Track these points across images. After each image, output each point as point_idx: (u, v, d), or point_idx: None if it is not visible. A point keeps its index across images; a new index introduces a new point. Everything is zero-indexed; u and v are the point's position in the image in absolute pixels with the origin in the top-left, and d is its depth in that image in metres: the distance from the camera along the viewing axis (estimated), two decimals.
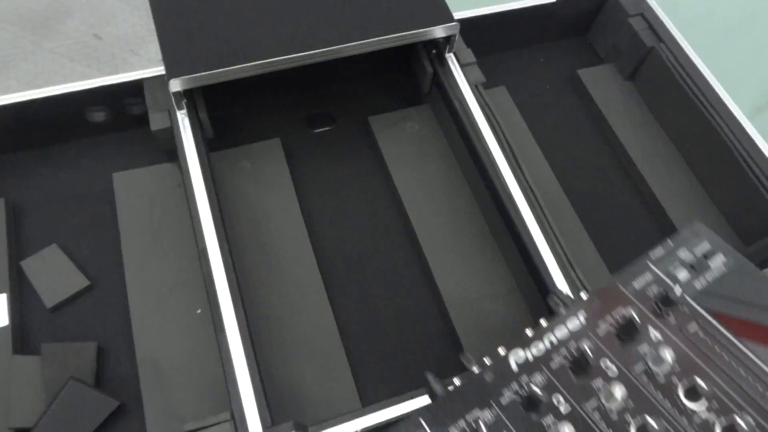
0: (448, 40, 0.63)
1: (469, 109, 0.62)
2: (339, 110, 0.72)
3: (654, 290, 0.39)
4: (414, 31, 0.59)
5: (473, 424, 0.34)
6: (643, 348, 0.36)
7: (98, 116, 0.65)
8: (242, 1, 0.59)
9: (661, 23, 0.73)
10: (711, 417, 0.32)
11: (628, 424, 0.33)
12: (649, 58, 0.73)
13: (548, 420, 0.34)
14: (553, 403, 0.35)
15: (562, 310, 0.39)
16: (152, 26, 0.59)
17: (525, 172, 0.60)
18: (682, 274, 0.39)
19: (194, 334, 0.54)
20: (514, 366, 0.36)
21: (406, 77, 0.73)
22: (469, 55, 0.66)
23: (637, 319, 0.36)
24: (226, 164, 0.64)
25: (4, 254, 0.57)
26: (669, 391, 0.34)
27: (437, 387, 0.38)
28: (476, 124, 0.61)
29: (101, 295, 0.58)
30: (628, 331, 0.37)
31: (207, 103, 0.61)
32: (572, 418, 0.33)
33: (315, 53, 0.57)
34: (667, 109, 0.73)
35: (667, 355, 0.35)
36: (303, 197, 0.64)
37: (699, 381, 0.33)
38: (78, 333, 0.56)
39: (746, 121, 0.67)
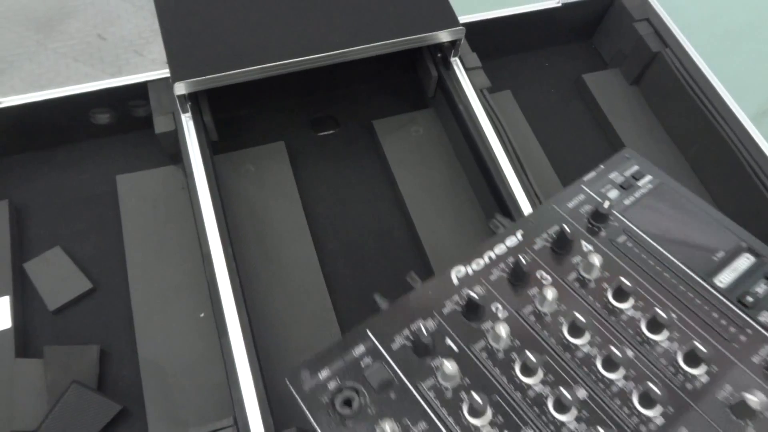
0: (453, 44, 0.63)
1: (474, 114, 0.62)
2: (343, 114, 0.72)
3: (586, 208, 0.43)
4: (420, 35, 0.59)
5: (417, 333, 0.35)
6: (576, 259, 0.39)
7: (102, 118, 0.65)
8: (247, 5, 0.59)
9: (667, 28, 0.73)
10: (637, 314, 0.36)
11: (561, 324, 0.36)
12: (655, 62, 0.73)
13: (487, 325, 0.36)
14: (491, 310, 0.37)
15: (501, 231, 0.42)
16: (156, 27, 0.58)
17: (530, 177, 0.59)
18: (612, 193, 0.44)
19: (197, 338, 0.54)
20: (455, 280, 0.38)
21: (411, 81, 0.73)
22: (474, 60, 0.65)
23: (569, 233, 0.39)
24: (231, 167, 0.64)
25: (7, 256, 0.57)
26: (599, 294, 0.37)
27: (383, 304, 0.39)
28: (481, 128, 0.61)
29: (104, 298, 0.57)
30: (562, 245, 0.39)
31: (211, 105, 0.61)
32: (509, 321, 0.37)
33: (320, 57, 0.57)
34: (672, 114, 0.73)
35: (596, 261, 0.37)
36: (307, 200, 0.64)
37: (625, 282, 0.36)
38: (81, 336, 0.55)
39: (751, 125, 0.66)
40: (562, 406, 0.32)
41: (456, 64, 0.65)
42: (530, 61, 0.80)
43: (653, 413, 0.32)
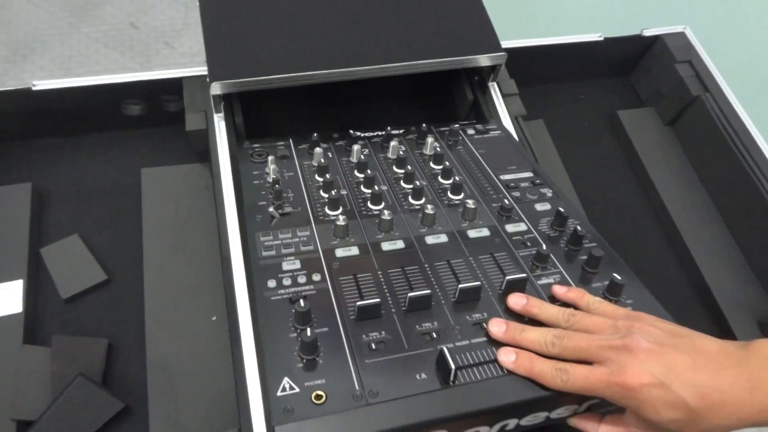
0: (493, 69, 0.62)
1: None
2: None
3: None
4: (461, 58, 0.58)
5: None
6: (428, 150, 0.57)
7: (134, 110, 0.64)
8: (290, 12, 0.59)
9: (709, 72, 0.72)
10: (446, 180, 0.53)
11: (397, 173, 0.54)
12: (693, 106, 0.72)
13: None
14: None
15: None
16: (189, 20, 0.59)
17: None
18: (471, 130, 0.61)
19: (207, 342, 0.53)
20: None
21: (442, 100, 0.72)
22: (512, 86, 0.65)
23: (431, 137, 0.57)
24: None
25: (25, 240, 0.56)
26: (430, 167, 0.55)
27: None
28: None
29: (117, 291, 0.57)
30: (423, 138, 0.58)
31: (243, 107, 0.61)
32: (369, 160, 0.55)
33: (358, 70, 0.56)
34: (706, 159, 0.72)
35: (437, 148, 0.56)
36: None
37: (446, 163, 0.54)
38: (90, 327, 0.55)
39: None
40: (377, 199, 0.49)
41: (493, 89, 0.64)
42: (566, 92, 0.79)
43: (423, 202, 0.50)
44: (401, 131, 0.58)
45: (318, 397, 0.35)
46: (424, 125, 0.59)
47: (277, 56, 0.56)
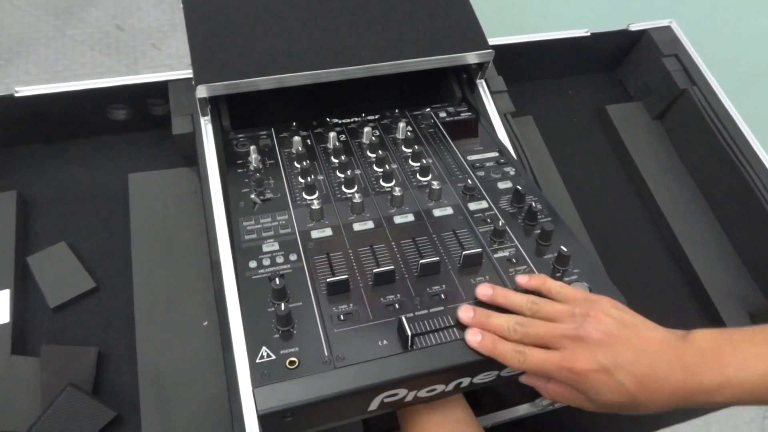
0: (480, 66, 0.62)
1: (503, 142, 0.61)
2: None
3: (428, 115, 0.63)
4: (448, 56, 0.58)
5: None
6: (400, 134, 0.59)
7: (119, 114, 0.64)
8: (276, 14, 0.58)
9: (696, 66, 0.72)
10: (415, 164, 0.56)
11: (371, 157, 0.56)
12: (681, 99, 0.72)
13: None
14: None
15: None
16: (175, 21, 0.58)
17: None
18: (443, 113, 0.63)
19: (199, 348, 0.53)
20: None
21: (431, 99, 0.72)
22: (500, 83, 0.64)
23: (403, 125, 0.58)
24: None
25: (11, 249, 0.56)
26: (401, 150, 0.57)
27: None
28: (510, 154, 0.60)
29: (106, 299, 0.56)
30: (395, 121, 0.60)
31: (230, 110, 0.60)
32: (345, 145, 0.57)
33: (346, 70, 0.56)
34: (695, 152, 0.72)
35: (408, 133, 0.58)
36: None
37: (416, 146, 0.56)
38: (79, 336, 0.54)
39: None
40: (350, 182, 0.52)
41: (481, 86, 0.64)
42: (554, 88, 0.79)
43: (393, 184, 0.53)
44: (376, 117, 0.61)
45: (291, 363, 0.39)
46: (397, 110, 0.62)
47: (263, 57, 0.55)
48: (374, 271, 0.44)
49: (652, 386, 0.35)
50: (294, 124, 0.59)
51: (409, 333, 0.39)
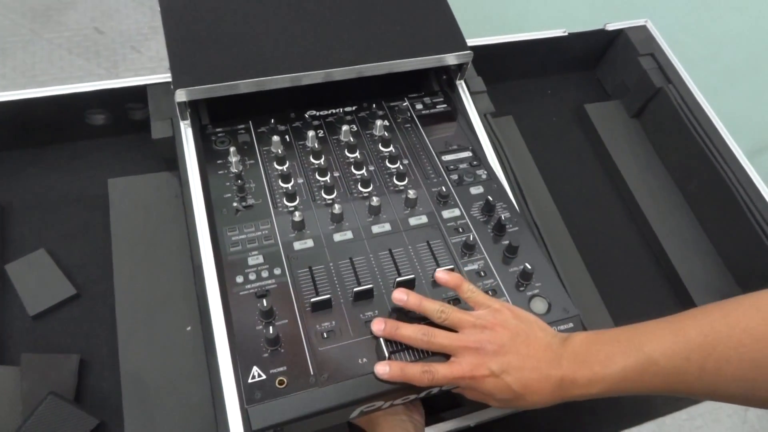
0: (460, 67, 0.62)
1: (477, 138, 0.61)
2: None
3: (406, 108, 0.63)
4: (427, 57, 0.58)
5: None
6: (377, 131, 0.60)
7: (97, 119, 0.63)
8: (254, 16, 0.58)
9: (671, 64, 0.74)
10: (392, 165, 0.57)
11: (348, 158, 0.57)
12: (657, 97, 0.73)
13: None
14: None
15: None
16: (155, 24, 0.58)
17: (529, 205, 0.59)
18: (419, 104, 0.64)
19: (182, 353, 0.53)
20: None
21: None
22: (480, 84, 0.65)
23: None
24: None
25: None
26: (378, 149, 0.59)
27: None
28: (483, 153, 0.61)
29: (87, 305, 0.56)
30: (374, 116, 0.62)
31: (210, 114, 0.60)
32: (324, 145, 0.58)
33: (326, 72, 0.56)
34: (672, 149, 0.73)
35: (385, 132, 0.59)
36: None
37: (393, 147, 0.58)
38: (60, 344, 0.54)
39: (747, 163, 0.67)
40: (329, 189, 0.53)
41: (461, 87, 0.64)
42: (533, 88, 0.80)
43: (371, 189, 0.55)
44: (354, 108, 0.62)
45: (281, 382, 0.42)
46: (374, 104, 0.63)
47: (242, 60, 0.55)
48: (355, 290, 0.46)
49: (535, 386, 0.42)
50: (272, 120, 0.59)
51: (387, 354, 0.43)
